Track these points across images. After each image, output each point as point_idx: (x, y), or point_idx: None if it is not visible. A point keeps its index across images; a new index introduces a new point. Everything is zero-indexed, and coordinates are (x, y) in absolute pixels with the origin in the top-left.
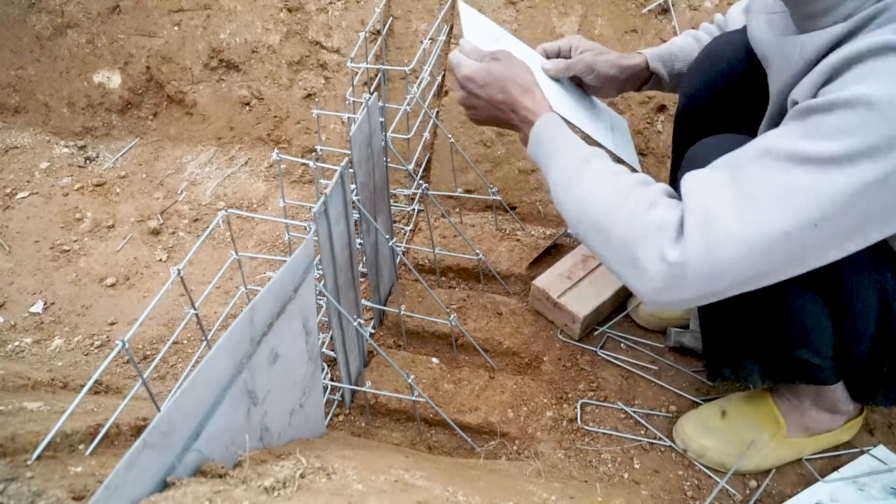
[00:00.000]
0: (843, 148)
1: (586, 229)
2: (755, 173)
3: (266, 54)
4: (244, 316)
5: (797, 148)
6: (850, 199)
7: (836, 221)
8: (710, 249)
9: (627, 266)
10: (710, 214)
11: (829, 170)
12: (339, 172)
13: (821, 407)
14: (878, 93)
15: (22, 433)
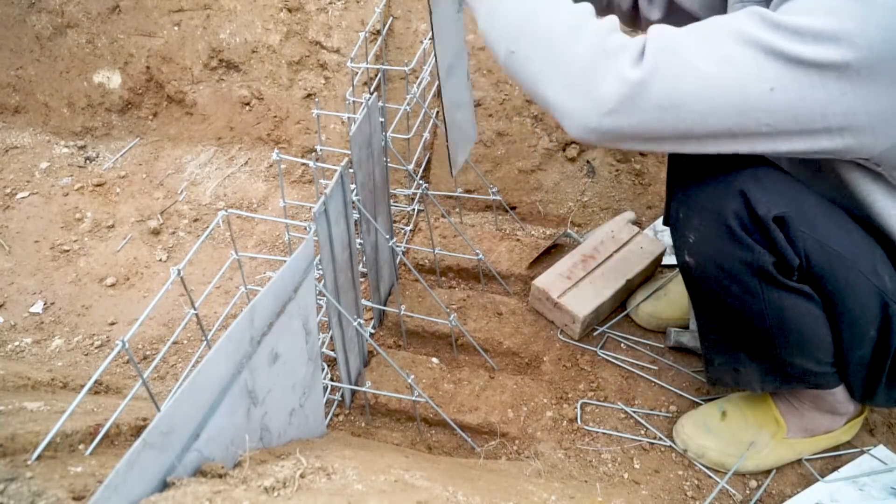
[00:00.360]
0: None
1: (530, 44)
2: (730, 25)
3: (266, 54)
4: (244, 316)
5: (775, 17)
6: (805, 71)
7: (789, 92)
8: (673, 73)
9: (577, 86)
10: (677, 44)
11: (794, 39)
12: (339, 172)
13: (821, 408)
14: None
15: (22, 433)
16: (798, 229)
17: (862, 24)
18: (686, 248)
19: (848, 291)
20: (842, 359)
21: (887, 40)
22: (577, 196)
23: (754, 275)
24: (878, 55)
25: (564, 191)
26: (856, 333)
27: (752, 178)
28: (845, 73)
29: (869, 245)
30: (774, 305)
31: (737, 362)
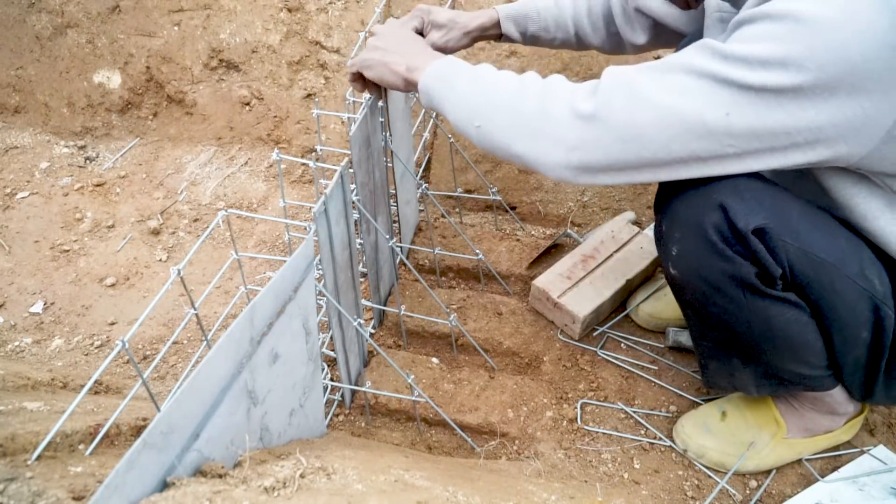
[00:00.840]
0: (760, 51)
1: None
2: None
3: (266, 54)
4: (244, 316)
5: (723, 48)
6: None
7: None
8: (627, 106)
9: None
10: (630, 80)
11: (744, 67)
12: (339, 172)
13: (820, 409)
14: (808, 10)
15: (22, 433)
16: (779, 239)
17: (808, 48)
18: (670, 260)
19: (835, 297)
20: (836, 362)
21: (835, 60)
22: (576, 196)
23: (737, 286)
24: (831, 74)
25: (564, 191)
26: (847, 337)
27: (731, 189)
28: (801, 94)
29: (855, 247)
30: (760, 315)
31: (731, 368)
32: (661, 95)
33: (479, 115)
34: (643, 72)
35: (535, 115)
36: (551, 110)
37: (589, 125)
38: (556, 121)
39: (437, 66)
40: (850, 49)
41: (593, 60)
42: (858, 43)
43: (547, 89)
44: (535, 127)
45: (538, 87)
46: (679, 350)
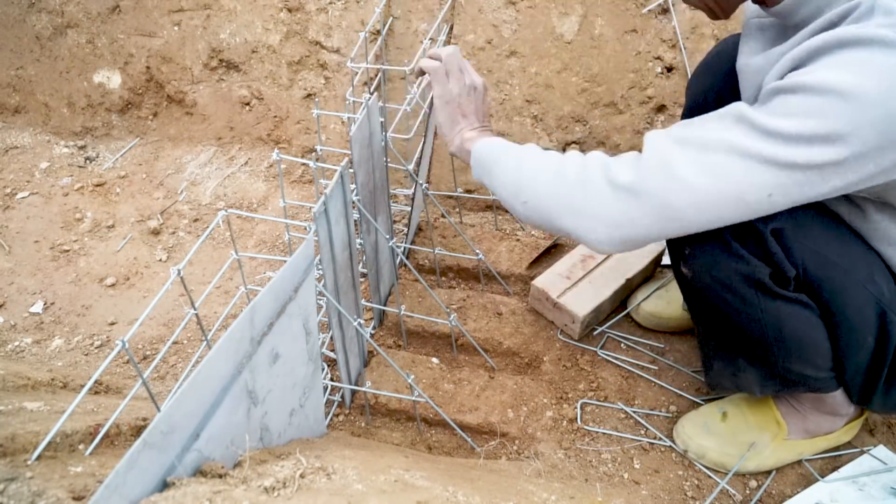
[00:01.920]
0: (806, 128)
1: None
2: (720, 135)
3: (266, 54)
4: (244, 316)
5: (763, 121)
6: (804, 174)
7: (789, 192)
8: (663, 189)
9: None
10: (668, 159)
11: (789, 146)
12: (339, 172)
13: (821, 410)
14: (849, 83)
15: (22, 433)
16: (794, 240)
17: (853, 123)
18: (682, 259)
19: (845, 300)
20: (840, 365)
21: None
22: None
23: (751, 286)
24: (873, 146)
25: None
26: (853, 341)
27: None
28: (843, 165)
29: (866, 255)
30: (771, 314)
31: (735, 367)
32: (699, 178)
33: (524, 192)
34: (682, 147)
35: (577, 192)
36: (591, 186)
37: (628, 202)
38: (596, 197)
39: (489, 142)
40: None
41: (593, 61)
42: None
43: (585, 165)
44: (577, 205)
45: (578, 163)
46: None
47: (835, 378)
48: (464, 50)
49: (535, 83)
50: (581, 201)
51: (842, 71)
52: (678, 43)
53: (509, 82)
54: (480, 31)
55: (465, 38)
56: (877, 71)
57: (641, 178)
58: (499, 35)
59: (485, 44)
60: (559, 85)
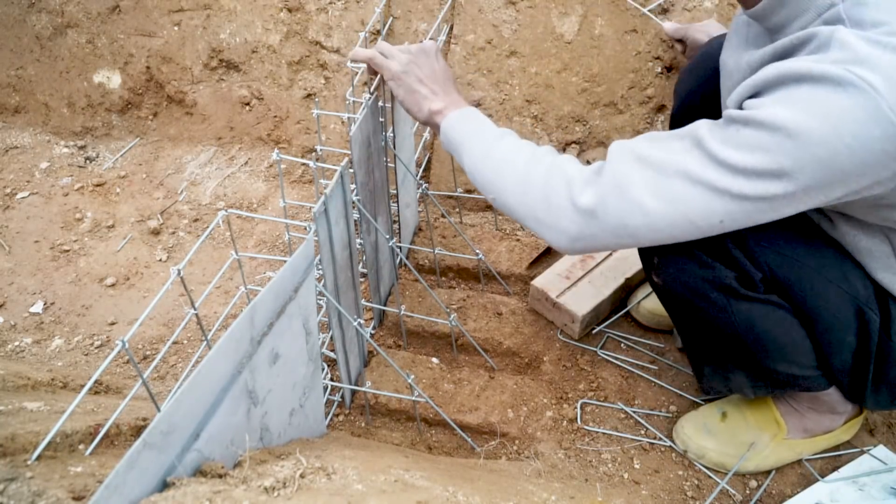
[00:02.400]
0: (754, 163)
1: (503, 193)
2: (678, 158)
3: (266, 54)
4: (244, 316)
5: (719, 151)
6: (753, 204)
7: (737, 219)
8: (621, 211)
9: (544, 223)
10: (626, 182)
11: (739, 178)
12: (339, 172)
13: (819, 409)
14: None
15: (22, 433)
16: (756, 245)
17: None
18: (652, 268)
19: (818, 299)
20: (826, 362)
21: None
22: None
23: (719, 290)
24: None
25: None
26: (832, 340)
27: None
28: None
29: (836, 256)
30: (743, 316)
31: (725, 371)
32: (653, 203)
33: (493, 189)
34: (641, 168)
35: (540, 204)
36: (552, 202)
37: (587, 221)
38: (558, 214)
39: (459, 118)
40: (839, 160)
41: (593, 61)
42: (848, 156)
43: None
44: (541, 215)
45: (542, 172)
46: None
47: (823, 376)
48: (464, 50)
49: (535, 83)
50: (544, 213)
51: (791, 108)
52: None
53: (509, 82)
54: (480, 31)
55: (465, 38)
56: (823, 111)
57: (600, 199)
58: (499, 35)
59: (485, 44)
60: (559, 85)
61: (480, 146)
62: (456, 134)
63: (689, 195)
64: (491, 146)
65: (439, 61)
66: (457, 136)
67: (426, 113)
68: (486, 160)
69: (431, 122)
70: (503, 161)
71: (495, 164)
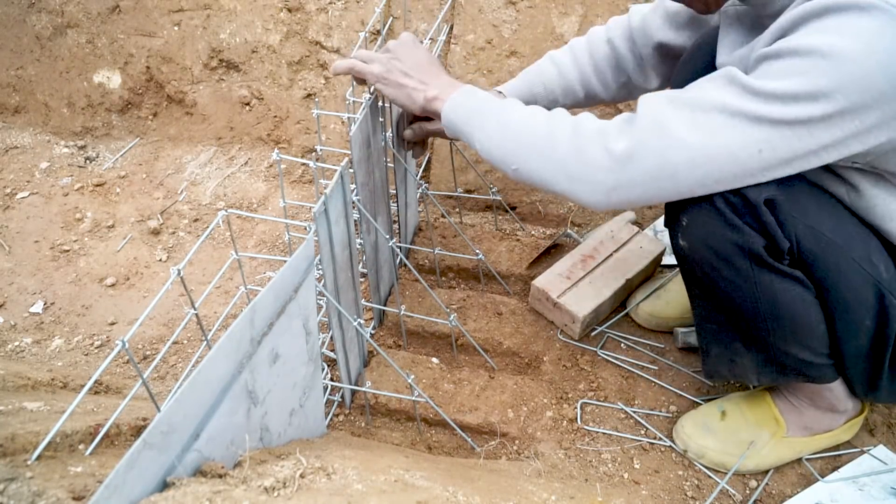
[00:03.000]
0: (791, 86)
1: (528, 159)
2: (712, 95)
3: (266, 54)
4: (244, 316)
5: (751, 83)
6: (792, 130)
7: (778, 148)
8: (661, 147)
9: (577, 179)
10: (664, 120)
11: (777, 104)
12: (339, 172)
13: (820, 406)
14: (830, 44)
15: (22, 433)
16: (788, 213)
17: (835, 80)
18: (679, 231)
19: (840, 278)
20: (838, 350)
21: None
22: None
23: (745, 257)
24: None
25: None
26: (850, 322)
27: None
28: (830, 120)
29: (863, 234)
30: (766, 289)
31: (733, 353)
32: (694, 136)
33: (514, 158)
34: (676, 108)
35: (572, 159)
36: (587, 154)
37: (625, 167)
38: (593, 165)
39: (460, 99)
40: (874, 78)
41: None
42: (882, 73)
43: (578, 130)
44: (573, 171)
45: (568, 128)
46: (688, 351)
47: (832, 366)
48: (464, 50)
49: None
50: (576, 167)
51: (823, 34)
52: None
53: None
54: (480, 31)
55: (465, 38)
56: (855, 32)
57: (638, 140)
58: (499, 35)
59: (485, 44)
60: None
61: (492, 119)
62: (461, 114)
63: (728, 125)
64: (504, 116)
65: (419, 50)
66: (462, 116)
67: (421, 103)
68: (502, 131)
69: (430, 109)
70: (522, 126)
71: (514, 133)
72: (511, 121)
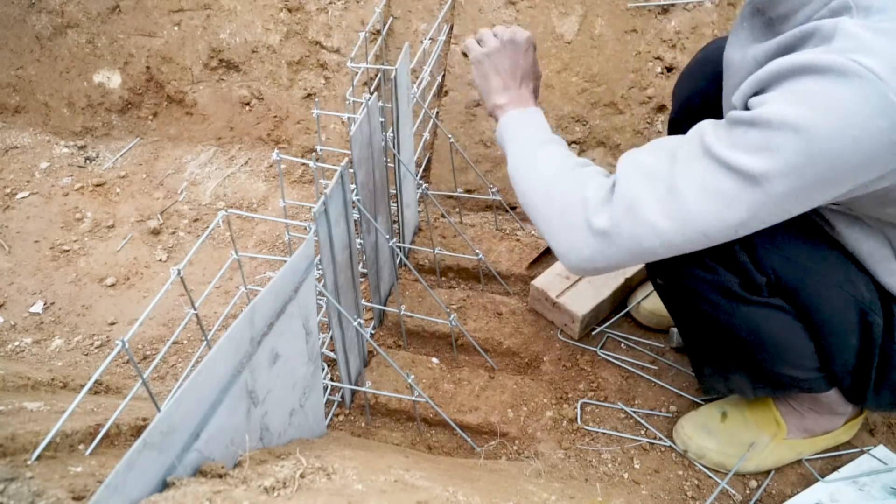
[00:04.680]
0: (764, 166)
1: (528, 203)
2: (687, 169)
3: (266, 54)
4: (244, 316)
5: (726, 156)
6: (765, 208)
7: (751, 226)
8: (634, 234)
9: (561, 240)
10: (637, 203)
11: (749, 184)
12: (339, 172)
13: (819, 409)
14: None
15: (22, 433)
16: (763, 250)
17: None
18: (655, 270)
19: (821, 303)
20: (828, 365)
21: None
22: None
23: (722, 294)
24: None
25: None
26: (836, 343)
27: None
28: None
29: (840, 259)
30: (745, 319)
31: (725, 372)
32: (667, 223)
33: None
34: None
35: (558, 219)
36: (570, 220)
37: (601, 242)
38: (574, 234)
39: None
40: (847, 155)
41: (593, 61)
42: (855, 148)
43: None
44: (558, 232)
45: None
46: (682, 350)
47: (825, 378)
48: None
49: None
50: (562, 231)
51: (795, 104)
52: (678, 43)
53: None
54: None
55: (465, 38)
56: (828, 104)
57: (613, 221)
58: None
59: None
60: (559, 85)
61: (522, 150)
62: (507, 132)
63: (703, 209)
64: (530, 153)
65: (526, 56)
66: (507, 135)
67: (491, 104)
68: (521, 166)
69: (493, 114)
70: (534, 170)
71: (526, 172)
72: (531, 159)
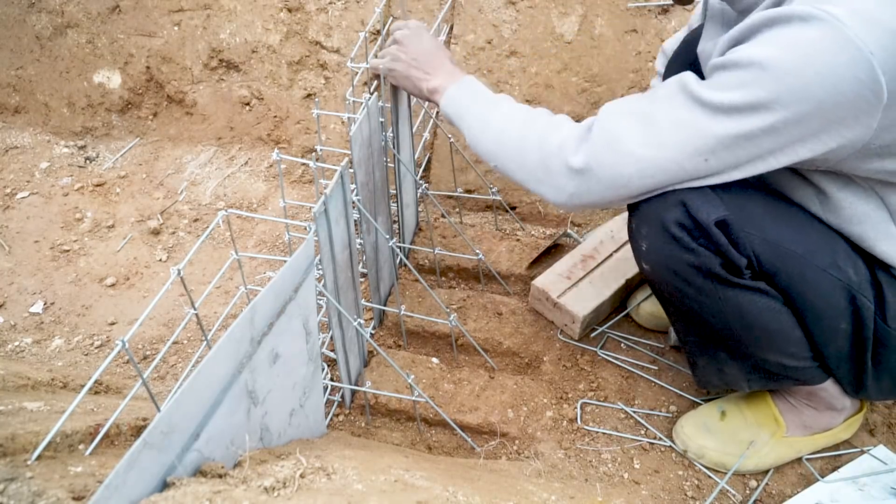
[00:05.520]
0: (733, 98)
1: (504, 160)
2: (664, 104)
3: (266, 54)
4: (244, 316)
5: (702, 93)
6: (735, 140)
7: (723, 158)
8: (612, 163)
9: (543, 183)
10: (616, 136)
11: (720, 116)
12: (339, 172)
13: (818, 405)
14: (770, 56)
15: (22, 433)
16: (742, 230)
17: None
18: (641, 255)
19: (806, 287)
20: (820, 353)
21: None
22: None
23: (705, 277)
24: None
25: None
26: (825, 328)
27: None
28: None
29: (828, 239)
30: (731, 303)
31: (718, 362)
32: (643, 150)
33: (493, 157)
34: (629, 121)
35: (538, 167)
36: (549, 166)
37: (581, 178)
38: (555, 175)
39: (455, 93)
40: (811, 88)
41: (593, 61)
42: (819, 83)
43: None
44: (541, 177)
45: (537, 137)
46: (681, 350)
47: (819, 367)
48: (464, 50)
49: (535, 83)
50: (543, 175)
51: (765, 46)
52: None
53: (509, 82)
54: (480, 31)
55: (465, 38)
56: (792, 43)
57: (592, 154)
58: (499, 35)
59: (485, 44)
60: (559, 85)
61: (478, 117)
62: (454, 109)
63: (676, 138)
64: (487, 116)
65: (425, 38)
66: (455, 111)
67: (426, 93)
68: (484, 131)
69: (432, 100)
70: (500, 130)
71: (493, 134)
72: (492, 121)
